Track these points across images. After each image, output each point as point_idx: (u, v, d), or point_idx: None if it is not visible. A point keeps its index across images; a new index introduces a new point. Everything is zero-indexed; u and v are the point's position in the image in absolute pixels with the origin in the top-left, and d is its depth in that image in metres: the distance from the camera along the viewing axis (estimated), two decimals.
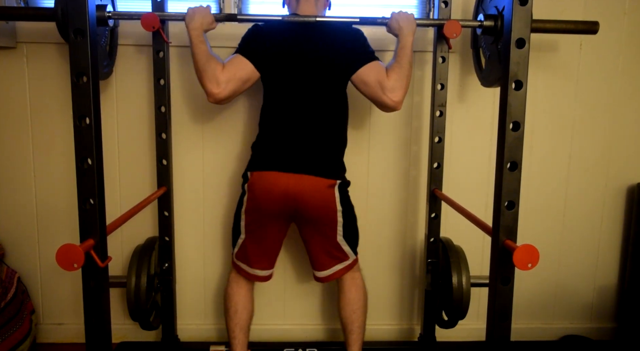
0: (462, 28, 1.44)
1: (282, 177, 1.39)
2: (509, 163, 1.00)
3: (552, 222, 1.88)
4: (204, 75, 1.37)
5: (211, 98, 1.38)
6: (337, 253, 1.50)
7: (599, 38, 1.77)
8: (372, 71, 1.40)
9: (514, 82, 0.97)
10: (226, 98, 1.39)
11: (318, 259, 1.52)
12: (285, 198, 1.39)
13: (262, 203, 1.42)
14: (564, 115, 1.82)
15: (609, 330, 1.94)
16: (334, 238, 1.47)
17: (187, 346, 1.79)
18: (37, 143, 1.73)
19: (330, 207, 1.43)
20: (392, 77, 1.38)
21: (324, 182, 1.41)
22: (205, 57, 1.37)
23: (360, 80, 1.42)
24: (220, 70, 1.37)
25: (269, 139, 1.45)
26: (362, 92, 1.44)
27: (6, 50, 1.66)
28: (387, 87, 1.37)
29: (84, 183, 0.97)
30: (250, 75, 1.41)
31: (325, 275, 1.53)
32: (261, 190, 1.41)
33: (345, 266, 1.52)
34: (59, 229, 1.77)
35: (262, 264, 1.52)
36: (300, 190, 1.38)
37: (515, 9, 0.96)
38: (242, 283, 1.55)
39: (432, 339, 1.77)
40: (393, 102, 1.39)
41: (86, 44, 0.93)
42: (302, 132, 1.42)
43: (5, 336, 1.57)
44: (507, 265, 1.01)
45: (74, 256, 0.92)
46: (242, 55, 1.41)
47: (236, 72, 1.38)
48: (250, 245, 1.49)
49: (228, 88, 1.37)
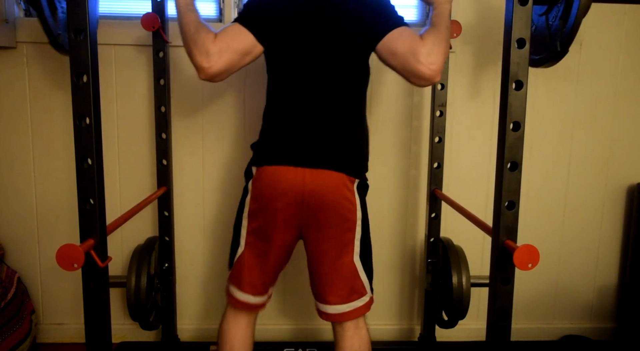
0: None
1: (296, 172, 1.14)
2: (509, 163, 0.99)
3: (552, 222, 1.88)
4: (192, 47, 1.14)
5: (202, 74, 1.15)
6: (355, 281, 1.18)
7: (599, 38, 1.77)
8: (402, 37, 1.13)
9: (514, 82, 0.97)
10: (219, 73, 1.15)
11: (332, 286, 1.18)
12: (300, 198, 1.14)
13: (270, 205, 1.16)
14: (564, 115, 1.82)
15: (609, 330, 1.94)
16: (350, 256, 1.17)
17: (187, 346, 1.79)
18: (37, 143, 1.73)
19: (350, 209, 1.17)
20: (429, 40, 1.11)
21: (344, 179, 1.16)
22: (195, 26, 1.16)
23: (387, 49, 1.15)
24: (211, 39, 1.13)
25: (277, 127, 1.21)
26: (390, 64, 1.17)
27: (6, 50, 1.66)
28: (422, 52, 1.09)
29: (84, 184, 0.96)
30: (249, 48, 1.18)
31: (340, 312, 1.18)
32: (270, 189, 1.15)
33: (364, 305, 1.20)
34: (59, 229, 1.77)
35: (256, 289, 1.22)
36: (318, 188, 1.13)
37: (515, 9, 0.95)
38: (241, 317, 1.25)
39: (432, 339, 1.77)
40: (430, 70, 1.10)
41: (86, 44, 0.93)
42: (318, 117, 1.18)
43: (5, 336, 1.57)
44: (507, 265, 1.01)
45: (74, 256, 0.92)
46: (240, 24, 1.18)
47: (230, 42, 1.15)
48: (249, 259, 1.21)
49: (221, 62, 1.13)
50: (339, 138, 1.18)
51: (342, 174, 1.15)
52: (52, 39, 1.16)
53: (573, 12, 1.16)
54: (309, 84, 1.19)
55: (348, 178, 1.17)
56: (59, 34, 1.16)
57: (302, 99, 1.19)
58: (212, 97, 1.74)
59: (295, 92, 1.19)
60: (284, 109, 1.21)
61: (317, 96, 1.18)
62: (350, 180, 1.17)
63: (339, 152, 1.17)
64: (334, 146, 1.17)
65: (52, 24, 1.14)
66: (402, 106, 1.78)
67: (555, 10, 1.26)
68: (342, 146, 1.18)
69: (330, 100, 1.18)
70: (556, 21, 1.24)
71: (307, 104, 1.18)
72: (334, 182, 1.15)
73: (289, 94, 1.20)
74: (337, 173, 1.15)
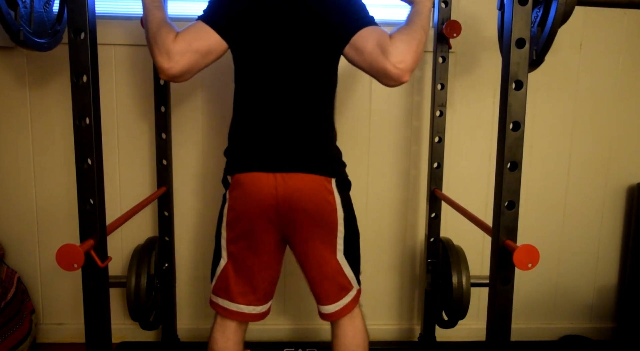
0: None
1: (268, 178, 1.12)
2: (509, 163, 0.99)
3: (552, 222, 1.88)
4: (153, 47, 1.10)
5: (162, 75, 1.10)
6: (340, 278, 1.19)
7: (599, 38, 1.77)
8: (371, 36, 1.09)
9: (514, 82, 0.97)
10: (180, 74, 1.11)
11: (321, 288, 1.20)
12: (274, 204, 1.12)
13: (247, 213, 1.14)
14: (564, 115, 1.82)
15: (609, 330, 1.94)
16: (333, 255, 1.17)
17: (187, 346, 1.79)
18: (37, 143, 1.73)
19: (328, 210, 1.15)
20: (398, 38, 1.07)
21: (319, 180, 1.13)
22: (157, 25, 1.12)
23: (354, 48, 1.11)
24: (172, 39, 1.09)
25: (246, 131, 1.17)
26: (358, 64, 1.13)
27: (6, 50, 1.66)
28: (390, 50, 1.05)
29: (84, 183, 0.96)
30: (212, 46, 1.13)
31: (332, 312, 1.20)
32: (245, 197, 1.13)
33: (352, 300, 1.21)
34: (59, 229, 1.77)
35: (248, 297, 1.19)
36: (293, 192, 1.12)
37: (515, 9, 0.95)
38: (228, 333, 1.21)
39: (432, 339, 1.77)
40: (397, 69, 1.05)
41: (86, 44, 0.93)
42: (287, 119, 1.14)
43: (5, 336, 1.57)
44: (507, 265, 1.01)
45: (74, 256, 0.92)
46: (203, 22, 1.13)
47: (192, 41, 1.10)
48: (234, 270, 1.18)
49: (181, 63, 1.09)
50: (310, 140, 1.15)
51: (316, 175, 1.13)
52: (13, 35, 1.16)
53: (550, 19, 1.12)
54: (276, 85, 1.15)
55: (324, 178, 1.14)
56: (19, 30, 1.16)
57: (270, 101, 1.15)
58: (212, 97, 1.74)
59: (261, 94, 1.16)
60: (251, 112, 1.17)
61: (285, 97, 1.15)
62: (326, 180, 1.15)
63: (311, 154, 1.15)
64: (306, 148, 1.15)
65: (12, 20, 1.13)
66: (402, 106, 1.78)
67: (535, 13, 1.22)
68: (314, 148, 1.16)
69: (299, 101, 1.15)
70: (534, 27, 1.20)
71: (275, 106, 1.15)
72: (308, 184, 1.12)
73: (255, 96, 1.17)
74: (311, 175, 1.13)
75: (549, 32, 1.13)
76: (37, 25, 1.27)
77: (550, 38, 1.13)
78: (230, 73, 1.25)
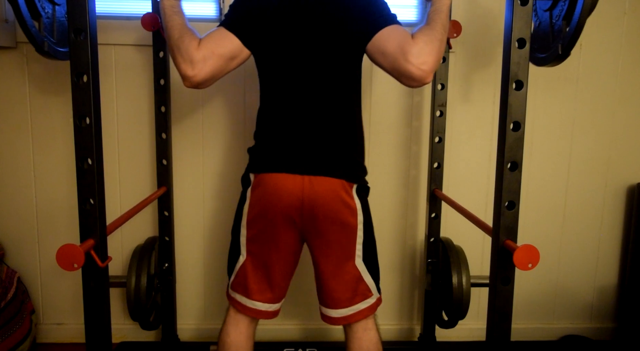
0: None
1: (295, 179, 1.12)
2: (509, 163, 1.00)
3: (552, 222, 1.88)
4: (176, 54, 1.10)
5: (187, 82, 1.11)
6: (359, 284, 1.19)
7: (599, 38, 1.77)
8: (392, 35, 1.08)
9: (514, 82, 0.97)
10: (204, 81, 1.11)
11: (335, 291, 1.18)
12: (299, 206, 1.12)
13: (271, 213, 1.14)
14: (564, 115, 1.82)
15: (609, 330, 1.94)
16: (352, 260, 1.18)
17: (187, 346, 1.79)
18: (37, 143, 1.73)
19: (350, 215, 1.15)
20: (420, 38, 1.06)
21: (343, 185, 1.14)
22: (179, 31, 1.12)
23: (376, 48, 1.10)
24: (195, 46, 1.09)
25: (273, 132, 1.18)
26: (380, 64, 1.12)
27: (6, 50, 1.66)
28: (412, 52, 1.03)
29: (84, 183, 0.96)
30: (235, 52, 1.13)
31: (343, 315, 1.19)
32: (269, 197, 1.13)
33: (369, 307, 1.21)
34: (59, 229, 1.77)
35: (265, 294, 1.20)
36: (319, 195, 1.12)
37: (515, 9, 0.96)
38: (241, 327, 1.23)
39: (432, 339, 1.77)
40: (420, 70, 1.04)
41: (86, 44, 0.93)
42: (313, 121, 1.15)
43: (5, 336, 1.57)
44: (507, 265, 1.01)
45: (74, 256, 0.92)
46: (225, 28, 1.14)
47: (215, 48, 1.10)
48: (253, 267, 1.19)
49: (205, 70, 1.09)
50: (337, 143, 1.16)
51: (341, 180, 1.14)
52: (38, 47, 1.15)
53: (577, 12, 1.12)
54: (301, 87, 1.15)
55: (347, 183, 1.15)
56: (44, 41, 1.15)
57: (296, 103, 1.15)
58: (212, 97, 1.74)
59: (287, 96, 1.16)
60: (278, 113, 1.17)
61: (311, 99, 1.15)
62: (349, 185, 1.15)
63: (337, 158, 1.15)
64: (332, 152, 1.15)
65: (36, 32, 1.13)
66: (402, 106, 1.78)
67: (560, 7, 1.23)
68: (340, 152, 1.16)
69: (324, 102, 1.15)
70: (559, 20, 1.21)
71: (301, 108, 1.15)
72: (332, 188, 1.13)
73: (281, 98, 1.17)
74: (336, 180, 1.13)
75: (577, 25, 1.12)
76: (60, 34, 1.27)
77: (577, 31, 1.13)
78: (230, 73, 1.24)
